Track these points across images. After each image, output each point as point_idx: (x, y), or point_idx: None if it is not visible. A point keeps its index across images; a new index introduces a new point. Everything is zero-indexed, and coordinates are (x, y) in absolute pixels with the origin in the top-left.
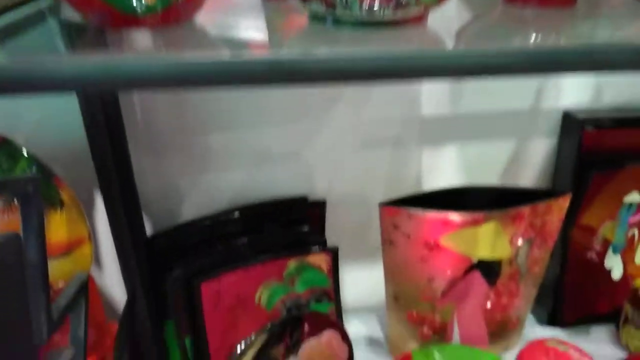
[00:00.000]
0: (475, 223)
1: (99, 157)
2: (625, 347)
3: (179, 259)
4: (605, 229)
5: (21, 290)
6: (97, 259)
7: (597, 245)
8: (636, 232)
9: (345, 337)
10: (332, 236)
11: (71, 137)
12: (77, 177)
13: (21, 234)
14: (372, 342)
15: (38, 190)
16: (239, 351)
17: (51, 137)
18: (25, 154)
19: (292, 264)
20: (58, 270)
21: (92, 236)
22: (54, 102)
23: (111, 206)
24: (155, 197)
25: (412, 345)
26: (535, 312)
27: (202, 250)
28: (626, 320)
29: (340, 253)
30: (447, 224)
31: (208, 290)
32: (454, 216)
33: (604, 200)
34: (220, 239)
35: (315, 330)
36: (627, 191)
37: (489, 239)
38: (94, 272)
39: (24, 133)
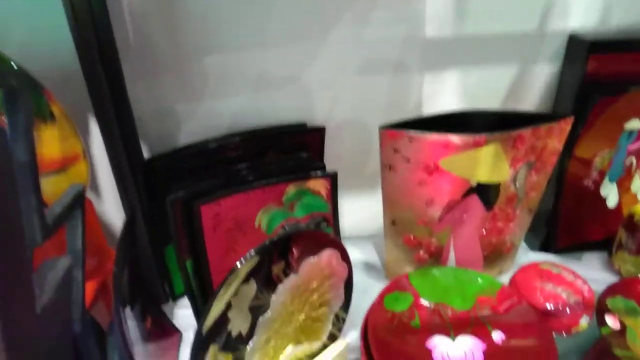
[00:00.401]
0: (477, 145)
1: (91, 78)
2: (618, 272)
3: (178, 182)
4: (604, 157)
5: (11, 191)
6: (95, 187)
7: (594, 173)
8: (634, 160)
9: (345, 256)
10: (331, 163)
11: (63, 60)
12: (72, 102)
13: (8, 132)
14: (369, 267)
15: (24, 86)
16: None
17: (42, 57)
18: (14, 66)
19: (291, 189)
20: (53, 187)
21: (89, 161)
22: (44, 22)
23: (106, 127)
24: (152, 122)
25: (408, 269)
26: (528, 240)
27: (201, 173)
28: (620, 246)
29: (338, 180)
30: (447, 146)
31: (208, 212)
32: (455, 138)
33: (604, 127)
34: (219, 163)
35: (315, 249)
36: (627, 118)
37: (489, 162)
38: (93, 200)
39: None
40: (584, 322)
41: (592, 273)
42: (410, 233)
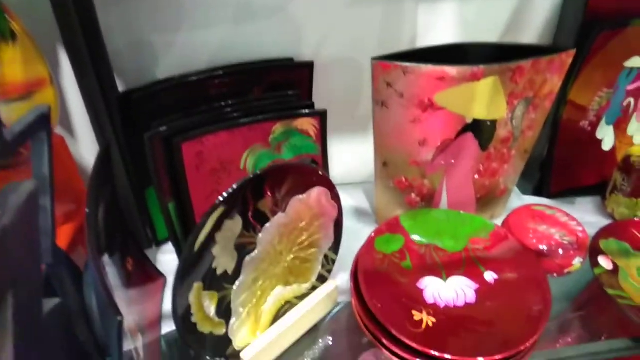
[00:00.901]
0: (474, 78)
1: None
2: (611, 216)
3: (158, 119)
4: (602, 98)
5: None
6: (69, 127)
7: (591, 114)
8: (632, 100)
9: (334, 194)
10: (320, 103)
11: None
12: (38, 30)
13: None
14: (360, 213)
15: None
16: None
17: None
18: None
19: (278, 128)
20: (17, 114)
21: (60, 95)
22: None
23: (75, 55)
24: (127, 54)
25: (399, 214)
26: (521, 185)
27: (182, 110)
28: (614, 189)
29: (328, 121)
30: (443, 79)
31: (189, 150)
32: (452, 70)
33: (603, 65)
34: (201, 100)
35: (303, 186)
36: (628, 56)
37: (486, 97)
38: (68, 142)
39: None
40: (577, 262)
41: (585, 217)
42: (402, 175)
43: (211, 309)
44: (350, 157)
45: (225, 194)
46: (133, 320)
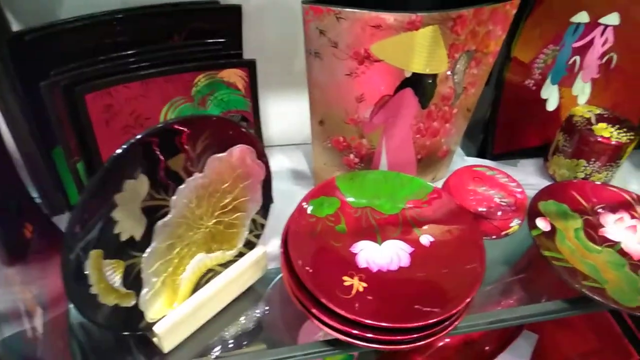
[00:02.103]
0: (412, 27)
1: None
2: (552, 178)
3: (59, 66)
4: (547, 55)
5: None
6: None
7: (536, 73)
8: (578, 59)
9: (261, 153)
10: (252, 55)
11: None
12: None
13: None
14: (297, 175)
15: None
16: None
17: None
18: None
19: (201, 80)
20: None
21: None
22: None
23: None
24: None
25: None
26: (465, 146)
27: (88, 57)
28: (556, 150)
29: (262, 77)
30: (380, 27)
31: (96, 103)
32: (389, 17)
33: (548, 19)
34: (110, 46)
35: (223, 144)
36: (574, 11)
37: (425, 48)
38: None
39: None
40: (515, 224)
41: (527, 178)
42: (340, 134)
43: (116, 278)
44: (289, 116)
45: (120, 150)
46: (30, 294)
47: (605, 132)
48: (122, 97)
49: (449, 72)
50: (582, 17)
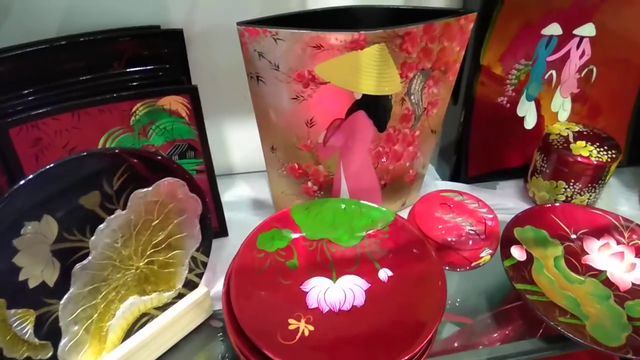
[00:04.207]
0: (356, 45)
1: None
2: (532, 200)
3: None
4: (520, 71)
5: None
6: None
7: (509, 90)
8: (554, 73)
9: (194, 187)
10: (202, 80)
11: None
12: None
13: None
14: (258, 204)
15: None
16: None
17: None
18: None
19: (139, 109)
20: None
21: None
22: None
23: None
24: None
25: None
26: (441, 170)
27: (14, 86)
28: (535, 171)
29: (217, 103)
30: (321, 48)
31: (22, 137)
32: (330, 37)
33: (518, 33)
34: (44, 76)
35: (144, 178)
36: (545, 22)
37: (374, 67)
38: None
39: None
40: (486, 254)
41: (504, 202)
42: (294, 161)
43: (27, 329)
44: (250, 142)
45: (13, 188)
46: None
47: (584, 150)
48: (51, 130)
49: (404, 93)
50: (554, 29)
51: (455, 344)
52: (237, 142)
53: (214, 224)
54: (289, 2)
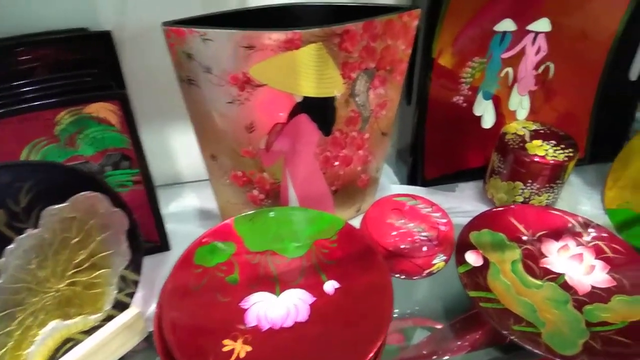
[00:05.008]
0: (292, 45)
1: None
2: (491, 201)
3: None
4: (474, 68)
5: None
6: None
7: (465, 88)
8: (510, 70)
9: (117, 200)
10: (137, 85)
11: None
12: None
13: None
14: (204, 214)
15: None
16: None
17: None
18: None
19: (64, 117)
20: None
21: None
22: None
23: None
24: None
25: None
26: (399, 172)
27: None
28: (493, 172)
29: (158, 109)
30: (254, 48)
31: None
32: (263, 37)
33: (469, 28)
34: None
35: (60, 193)
36: (498, 18)
37: (312, 68)
38: None
39: None
40: (439, 261)
41: (463, 205)
42: (237, 169)
43: None
44: (195, 150)
45: None
46: None
47: (540, 150)
48: None
49: (348, 95)
50: (507, 25)
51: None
52: (182, 149)
53: (153, 238)
54: (228, 1)
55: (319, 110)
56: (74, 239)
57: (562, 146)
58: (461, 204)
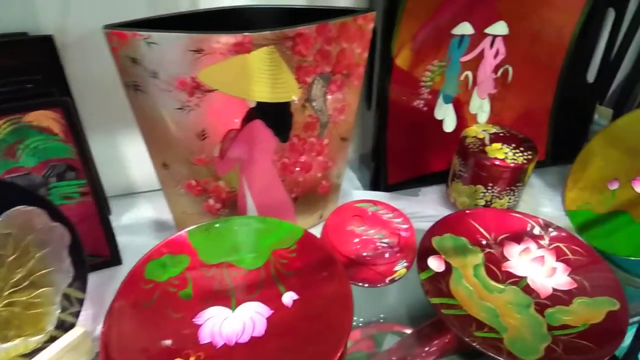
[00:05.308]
0: (242, 49)
1: None
2: (454, 205)
3: None
4: (434, 72)
5: None
6: None
7: (425, 92)
8: (470, 74)
9: (56, 214)
10: (85, 92)
11: None
12: None
13: None
14: (160, 225)
15: None
16: None
17: None
18: None
19: (2, 126)
20: None
21: None
22: None
23: None
24: None
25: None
26: (363, 177)
27: None
28: (454, 176)
29: (109, 117)
30: (203, 51)
31: None
32: (211, 40)
33: (428, 32)
34: None
35: None
36: (455, 22)
37: (265, 72)
38: None
39: None
40: (401, 268)
41: (425, 210)
42: (190, 177)
43: None
44: (149, 159)
45: None
46: None
47: (500, 153)
48: None
49: (304, 99)
50: (465, 28)
51: None
52: (135, 158)
53: (103, 252)
54: (179, 3)
55: (275, 116)
56: (10, 256)
57: (522, 149)
58: (424, 208)
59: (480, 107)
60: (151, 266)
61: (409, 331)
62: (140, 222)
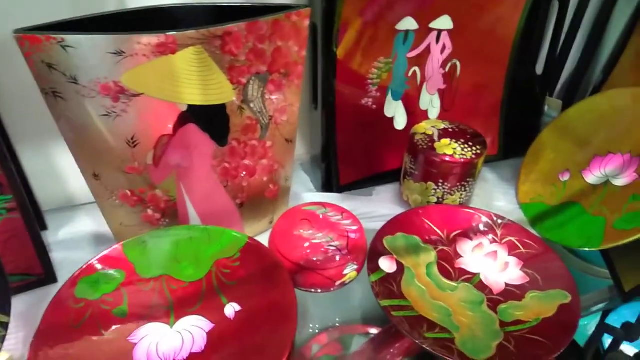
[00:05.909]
0: (166, 49)
1: None
2: (407, 204)
3: None
4: (381, 69)
5: None
6: None
7: (373, 90)
8: (417, 70)
9: None
10: (10, 101)
11: None
12: None
13: None
14: (99, 240)
15: None
16: None
17: None
18: None
19: None
20: None
21: None
22: None
23: None
24: None
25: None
26: (316, 179)
27: None
28: (406, 173)
29: (41, 127)
30: (123, 54)
31: None
32: (130, 41)
33: (371, 28)
34: None
35: None
36: (399, 16)
37: (194, 74)
38: None
39: None
40: (351, 271)
41: (379, 209)
42: (124, 187)
43: None
44: None
45: None
46: None
47: (448, 149)
48: None
49: (240, 101)
50: (409, 23)
51: None
52: (72, 169)
53: (36, 270)
54: (105, 3)
55: (209, 119)
56: None
57: (471, 143)
58: (377, 208)
59: (430, 102)
60: (83, 284)
61: (375, 331)
62: (79, 236)
